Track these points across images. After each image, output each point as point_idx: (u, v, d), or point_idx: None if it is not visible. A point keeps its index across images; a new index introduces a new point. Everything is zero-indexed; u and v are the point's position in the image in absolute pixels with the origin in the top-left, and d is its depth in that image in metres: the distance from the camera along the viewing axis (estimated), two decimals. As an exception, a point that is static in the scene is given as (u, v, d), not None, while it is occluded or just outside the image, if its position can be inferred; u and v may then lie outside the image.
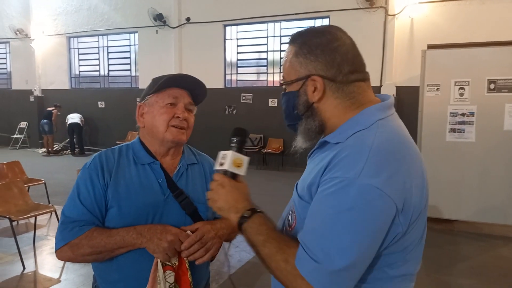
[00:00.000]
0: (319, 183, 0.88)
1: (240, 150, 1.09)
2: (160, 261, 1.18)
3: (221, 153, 1.09)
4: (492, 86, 4.59)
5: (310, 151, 1.06)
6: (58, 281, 3.38)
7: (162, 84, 1.28)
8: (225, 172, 1.06)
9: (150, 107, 1.31)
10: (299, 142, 1.03)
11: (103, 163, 1.28)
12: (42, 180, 5.33)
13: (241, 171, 1.07)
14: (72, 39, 12.21)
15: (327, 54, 0.94)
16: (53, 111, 11.18)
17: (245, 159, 1.08)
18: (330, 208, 0.83)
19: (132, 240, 1.18)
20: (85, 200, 1.23)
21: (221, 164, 1.07)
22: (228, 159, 1.05)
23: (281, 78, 1.04)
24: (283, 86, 1.03)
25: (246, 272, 3.54)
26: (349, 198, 0.81)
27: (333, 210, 0.82)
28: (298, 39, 0.98)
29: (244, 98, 9.77)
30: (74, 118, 11.14)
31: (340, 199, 0.82)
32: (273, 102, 9.42)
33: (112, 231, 1.20)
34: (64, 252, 1.21)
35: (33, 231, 4.33)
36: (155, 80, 1.34)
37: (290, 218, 0.99)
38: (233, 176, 1.06)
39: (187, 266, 1.22)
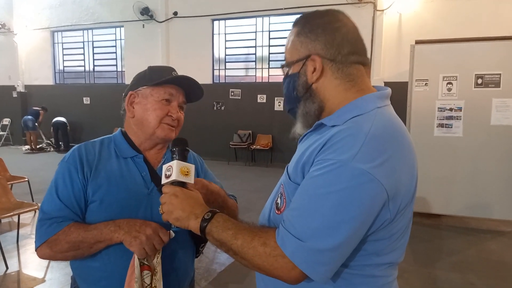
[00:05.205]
0: (313, 162, 0.87)
1: (184, 159, 1.07)
2: (138, 258, 1.12)
3: (165, 166, 1.06)
4: (479, 81, 4.63)
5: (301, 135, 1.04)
6: (42, 280, 3.29)
7: (164, 81, 1.25)
8: (173, 183, 1.03)
9: (143, 99, 1.26)
10: (298, 128, 1.02)
11: (83, 157, 1.23)
12: (25, 178, 5.20)
13: (190, 179, 1.05)
14: (56, 33, 11.97)
15: (328, 33, 0.94)
16: (40, 111, 11.03)
17: (191, 167, 1.06)
18: (320, 188, 0.82)
19: (110, 232, 1.12)
20: (63, 196, 1.17)
21: (168, 176, 1.04)
22: (174, 169, 1.03)
23: (284, 60, 1.02)
24: (285, 69, 1.01)
25: (235, 269, 3.51)
26: (340, 180, 0.80)
27: (323, 190, 0.81)
28: (301, 20, 0.99)
29: (232, 94, 9.70)
30: (59, 118, 11.04)
31: (331, 180, 0.81)
32: (261, 98, 9.37)
33: (90, 226, 1.15)
34: (43, 249, 1.16)
35: (16, 230, 4.23)
36: (153, 71, 1.29)
37: (279, 201, 0.96)
38: (182, 185, 1.03)
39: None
